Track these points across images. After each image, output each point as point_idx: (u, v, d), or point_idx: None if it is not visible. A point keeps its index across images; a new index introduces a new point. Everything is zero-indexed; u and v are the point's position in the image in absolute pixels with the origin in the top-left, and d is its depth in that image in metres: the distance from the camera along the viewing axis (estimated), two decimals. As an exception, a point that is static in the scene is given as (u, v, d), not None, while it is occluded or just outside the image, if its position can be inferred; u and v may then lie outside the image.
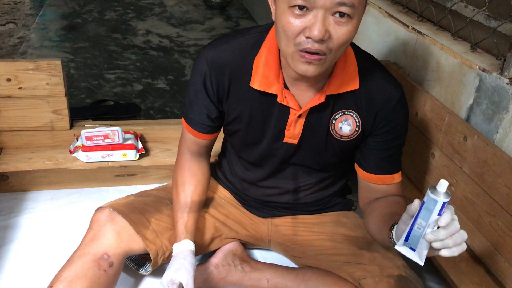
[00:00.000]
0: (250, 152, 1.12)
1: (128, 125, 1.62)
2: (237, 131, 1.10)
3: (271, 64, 0.99)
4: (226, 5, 3.86)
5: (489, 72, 1.17)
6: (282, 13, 0.83)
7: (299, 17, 0.81)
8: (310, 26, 0.81)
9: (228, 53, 1.01)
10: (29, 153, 1.49)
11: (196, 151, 1.16)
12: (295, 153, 1.09)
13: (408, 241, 0.81)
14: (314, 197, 1.21)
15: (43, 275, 1.18)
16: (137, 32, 3.18)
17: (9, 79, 1.42)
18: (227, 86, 1.03)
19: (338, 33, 0.82)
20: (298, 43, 0.84)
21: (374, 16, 1.72)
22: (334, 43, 0.83)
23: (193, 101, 1.08)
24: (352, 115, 1.02)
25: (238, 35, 1.04)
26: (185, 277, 0.98)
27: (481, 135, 1.18)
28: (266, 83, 0.99)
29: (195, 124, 1.10)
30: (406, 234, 0.81)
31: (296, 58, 0.86)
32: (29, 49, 2.78)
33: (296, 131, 1.04)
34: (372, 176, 1.07)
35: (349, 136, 1.04)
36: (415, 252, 0.80)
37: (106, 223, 1.08)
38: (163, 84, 2.50)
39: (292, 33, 0.83)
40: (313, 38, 0.81)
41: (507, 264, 1.13)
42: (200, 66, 1.03)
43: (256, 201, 1.24)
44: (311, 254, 1.19)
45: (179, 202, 1.12)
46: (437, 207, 0.76)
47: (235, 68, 1.01)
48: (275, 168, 1.14)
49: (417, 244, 0.80)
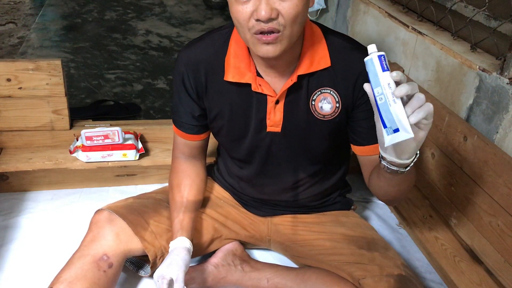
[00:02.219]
0: (238, 148, 1.13)
1: (128, 125, 1.62)
2: (221, 128, 1.11)
3: (240, 54, 1.01)
4: (226, 5, 3.84)
5: (489, 72, 1.17)
6: (232, 5, 0.88)
7: (245, 3, 0.85)
8: (256, 9, 0.84)
9: (202, 51, 1.05)
10: (29, 153, 1.49)
11: (189, 154, 1.18)
12: (281, 142, 1.09)
13: (386, 125, 0.76)
14: (311, 192, 1.20)
15: (43, 275, 1.18)
16: (137, 32, 3.18)
17: (9, 79, 1.42)
18: (204, 82, 1.06)
19: (285, 7, 0.85)
20: (251, 27, 0.87)
21: (374, 16, 1.72)
22: (285, 19, 0.86)
23: (178, 104, 1.11)
24: (329, 93, 1.03)
25: (211, 33, 1.08)
26: (175, 272, 0.98)
27: (481, 135, 1.18)
28: (239, 73, 1.01)
29: (182, 126, 1.12)
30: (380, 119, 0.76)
31: (255, 42, 0.89)
32: (29, 49, 2.78)
33: (277, 118, 1.05)
34: (369, 148, 1.05)
35: (332, 114, 1.04)
36: (399, 131, 0.75)
37: (105, 224, 1.08)
38: (163, 84, 2.50)
39: (243, 19, 0.87)
40: (261, 18, 0.84)
41: (507, 264, 1.13)
42: (177, 67, 1.07)
43: (255, 200, 1.24)
44: (311, 254, 1.19)
45: (175, 203, 1.13)
46: (376, 62, 0.75)
47: (210, 64, 1.04)
48: (265, 161, 1.13)
49: (393, 119, 0.75)
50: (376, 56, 0.75)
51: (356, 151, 1.09)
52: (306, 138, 1.08)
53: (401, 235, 1.46)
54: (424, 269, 1.34)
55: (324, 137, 1.08)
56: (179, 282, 0.97)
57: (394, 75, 0.74)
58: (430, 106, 0.76)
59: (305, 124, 1.06)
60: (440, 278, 1.29)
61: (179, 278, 0.97)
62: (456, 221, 1.32)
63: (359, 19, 1.87)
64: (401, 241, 1.44)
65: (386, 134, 0.77)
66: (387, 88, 0.74)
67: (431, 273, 1.32)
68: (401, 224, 1.49)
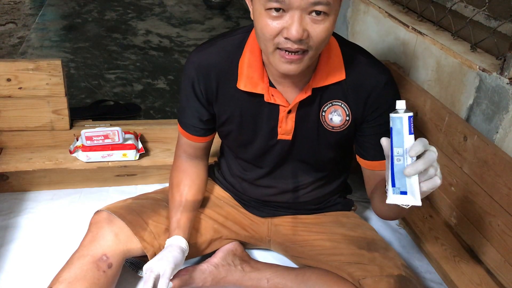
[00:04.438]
0: (246, 152, 1.13)
1: (128, 125, 1.62)
2: (230, 132, 1.11)
3: (254, 64, 1.00)
4: (226, 5, 3.86)
5: (489, 72, 1.17)
6: (259, 16, 0.85)
7: (276, 19, 0.83)
8: (288, 27, 0.82)
9: (214, 56, 1.03)
10: (29, 153, 1.49)
11: (192, 154, 1.18)
12: (291, 149, 1.09)
13: (396, 185, 0.76)
14: (313, 196, 1.21)
15: (43, 276, 1.18)
16: (137, 32, 3.18)
17: (9, 79, 1.42)
18: (215, 88, 1.05)
19: (316, 31, 0.84)
20: (277, 43, 0.85)
21: (374, 16, 1.72)
22: (313, 41, 0.85)
23: (185, 106, 1.10)
24: (340, 105, 1.03)
25: (223, 37, 1.06)
26: (163, 267, 0.99)
27: (481, 135, 1.18)
28: (252, 83, 1.01)
29: (188, 128, 1.12)
30: (390, 176, 0.76)
31: (276, 58, 0.88)
32: (29, 49, 2.78)
33: (288, 127, 1.05)
34: (375, 163, 1.06)
35: (341, 126, 1.05)
36: (407, 195, 0.75)
37: (104, 225, 1.08)
38: (163, 84, 2.50)
39: (270, 34, 0.84)
40: (291, 38, 0.82)
41: (507, 264, 1.13)
42: (187, 71, 1.06)
43: (256, 201, 1.24)
44: (311, 254, 1.19)
45: (174, 202, 1.13)
46: (405, 123, 0.74)
47: (222, 70, 1.03)
48: (273, 166, 1.14)
49: (405, 183, 0.75)
50: (407, 117, 0.74)
51: (361, 163, 1.10)
52: (315, 147, 1.09)
53: (401, 235, 1.46)
54: (424, 269, 1.34)
55: (331, 147, 1.09)
56: (165, 278, 0.97)
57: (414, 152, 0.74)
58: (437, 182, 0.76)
59: (315, 134, 1.06)
60: (440, 278, 1.29)
61: (166, 273, 0.98)
62: (456, 221, 1.32)
63: (359, 19, 1.87)
64: (401, 241, 1.44)
65: (392, 193, 0.77)
66: (409, 158, 0.74)
67: (431, 273, 1.32)
68: (401, 224, 1.49)
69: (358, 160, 1.10)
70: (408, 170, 0.74)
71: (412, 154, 0.74)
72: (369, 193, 1.13)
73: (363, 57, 1.03)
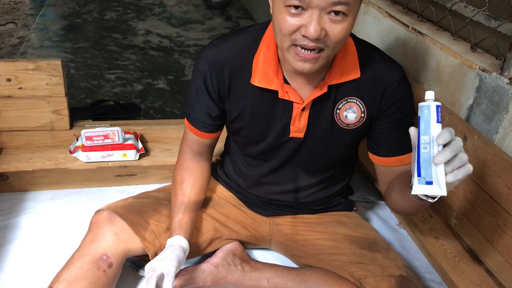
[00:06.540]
0: (256, 148, 1.13)
1: (128, 125, 1.62)
2: (240, 129, 1.10)
3: (269, 60, 1.00)
4: (226, 5, 3.86)
5: (489, 72, 1.17)
6: (279, 12, 0.85)
7: (295, 16, 0.83)
8: (306, 25, 0.82)
9: (228, 52, 1.02)
10: (29, 153, 1.49)
11: (197, 151, 1.17)
12: (301, 147, 1.09)
13: (421, 174, 0.76)
14: (315, 197, 1.21)
15: (43, 275, 1.18)
16: (137, 32, 3.18)
17: (9, 79, 1.42)
18: (227, 84, 1.04)
19: (334, 31, 0.84)
20: (294, 39, 0.85)
21: (374, 16, 1.72)
22: (330, 40, 0.85)
23: (195, 101, 1.09)
24: (355, 102, 1.03)
25: (237, 33, 1.05)
26: (167, 267, 0.98)
27: (481, 135, 1.18)
28: (266, 79, 1.00)
29: (196, 123, 1.11)
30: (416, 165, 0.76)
31: (291, 54, 0.88)
32: (29, 49, 2.78)
33: (301, 125, 1.04)
34: (390, 159, 1.06)
35: (355, 123, 1.05)
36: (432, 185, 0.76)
37: (105, 224, 1.08)
38: (163, 84, 2.50)
39: (288, 30, 0.85)
40: (309, 37, 0.82)
41: (507, 264, 1.13)
42: (200, 65, 1.05)
43: (260, 200, 1.24)
44: (312, 254, 1.19)
45: (177, 201, 1.13)
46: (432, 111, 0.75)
47: (235, 66, 1.02)
48: (281, 163, 1.13)
49: (430, 172, 0.75)
50: (435, 105, 0.75)
51: (374, 160, 1.10)
52: (326, 145, 1.09)
53: (401, 235, 1.46)
54: (424, 269, 1.34)
55: (343, 145, 1.09)
56: (170, 277, 0.97)
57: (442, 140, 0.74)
58: (470, 168, 0.77)
59: (327, 132, 1.06)
60: (440, 278, 1.29)
61: (170, 272, 0.97)
62: (456, 221, 1.32)
63: (359, 19, 1.87)
64: (401, 241, 1.44)
65: (418, 183, 0.77)
66: (435, 141, 0.75)
67: (431, 273, 1.32)
68: (401, 224, 1.49)
69: (371, 157, 1.10)
70: (438, 159, 0.75)
71: (440, 142, 0.75)
72: (383, 190, 1.12)
73: (378, 55, 1.04)
